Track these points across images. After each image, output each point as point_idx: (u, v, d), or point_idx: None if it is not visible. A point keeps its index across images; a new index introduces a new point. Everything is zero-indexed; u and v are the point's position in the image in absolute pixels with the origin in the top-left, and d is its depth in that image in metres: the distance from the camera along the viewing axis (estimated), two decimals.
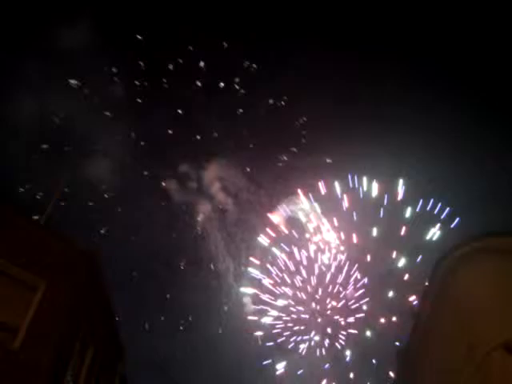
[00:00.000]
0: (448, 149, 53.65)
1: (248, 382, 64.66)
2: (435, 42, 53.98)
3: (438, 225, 53.52)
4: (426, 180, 53.79)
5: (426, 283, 16.03)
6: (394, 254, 54.02)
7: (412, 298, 50.43)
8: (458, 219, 52.87)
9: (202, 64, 48.92)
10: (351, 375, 53.85)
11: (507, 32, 46.56)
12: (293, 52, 53.11)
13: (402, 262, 53.79)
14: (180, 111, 50.12)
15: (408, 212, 54.28)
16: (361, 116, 57.49)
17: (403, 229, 53.89)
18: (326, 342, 55.95)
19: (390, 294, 53.55)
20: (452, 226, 52.90)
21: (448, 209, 53.58)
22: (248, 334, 54.39)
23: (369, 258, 54.86)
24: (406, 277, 53.19)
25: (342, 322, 55.69)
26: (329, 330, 55.83)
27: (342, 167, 55.72)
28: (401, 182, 54.98)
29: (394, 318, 52.74)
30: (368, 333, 54.83)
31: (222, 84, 50.04)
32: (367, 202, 55.23)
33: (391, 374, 38.51)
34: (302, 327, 56.36)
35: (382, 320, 53.57)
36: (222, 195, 53.97)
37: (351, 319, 55.56)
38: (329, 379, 54.67)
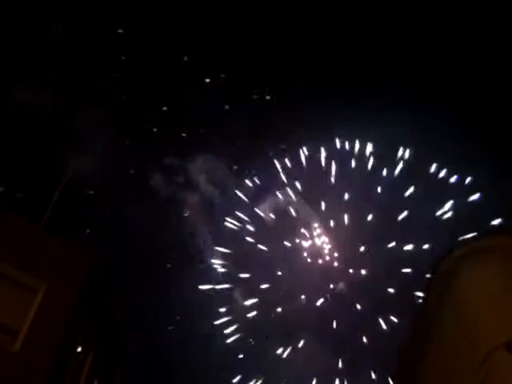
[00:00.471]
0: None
1: None
2: None
3: (451, 202, 45.86)
4: (438, 144, 45.29)
5: (428, 278, 15.95)
6: (394, 243, 47.17)
7: (417, 293, 43.71)
8: (479, 194, 44.98)
9: (185, 58, 48.55)
10: None
11: None
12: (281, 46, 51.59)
13: (405, 251, 46.56)
14: (165, 108, 49.70)
15: (412, 188, 46.45)
16: (352, 68, 49.93)
17: (406, 210, 46.35)
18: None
19: (391, 290, 47.36)
20: (470, 201, 44.60)
21: (469, 179, 45.08)
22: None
23: (363, 248, 48.47)
24: (410, 270, 46.56)
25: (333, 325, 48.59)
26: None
27: (328, 129, 49.65)
28: (401, 150, 47.01)
29: (395, 319, 46.92)
30: (364, 338, 48.16)
31: (207, 80, 49.69)
32: (361, 174, 48.17)
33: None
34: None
35: (381, 321, 47.83)
36: (209, 190, 52.35)
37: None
38: None
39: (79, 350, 16.83)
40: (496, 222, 40.32)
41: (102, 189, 47.14)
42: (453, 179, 46.57)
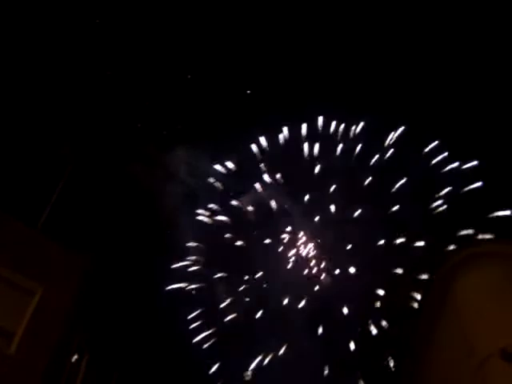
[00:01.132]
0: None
1: None
2: None
3: (448, 189, 41.65)
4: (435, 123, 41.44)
5: (426, 281, 16.01)
6: (383, 241, 43.56)
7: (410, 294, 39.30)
8: (481, 183, 40.49)
9: (167, 52, 48.20)
10: None
11: None
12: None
13: (396, 249, 42.79)
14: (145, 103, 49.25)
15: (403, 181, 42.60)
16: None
17: (397, 201, 42.79)
18: None
19: (381, 291, 43.43)
20: (470, 190, 40.19)
21: (474, 162, 40.55)
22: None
23: (349, 246, 45.01)
24: (401, 270, 42.59)
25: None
26: None
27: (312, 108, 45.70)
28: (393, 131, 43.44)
29: (385, 323, 42.93)
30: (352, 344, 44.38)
31: (189, 76, 49.39)
32: (347, 159, 44.74)
33: None
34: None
35: (372, 326, 43.70)
36: (190, 183, 50.93)
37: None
38: None
39: (75, 353, 16.76)
40: (500, 213, 37.59)
41: (95, 188, 46.49)
42: (453, 165, 42.84)
